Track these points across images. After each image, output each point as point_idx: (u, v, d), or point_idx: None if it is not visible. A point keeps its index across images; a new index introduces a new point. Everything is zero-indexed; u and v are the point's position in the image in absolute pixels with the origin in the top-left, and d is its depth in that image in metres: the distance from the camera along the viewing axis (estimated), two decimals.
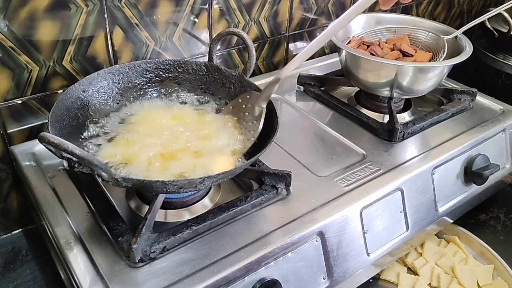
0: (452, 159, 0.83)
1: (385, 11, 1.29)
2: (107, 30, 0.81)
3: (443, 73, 0.89)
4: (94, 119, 0.72)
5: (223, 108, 0.76)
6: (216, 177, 0.58)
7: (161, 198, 0.64)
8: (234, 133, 0.71)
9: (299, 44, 1.15)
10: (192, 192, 0.69)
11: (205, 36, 0.96)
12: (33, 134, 0.81)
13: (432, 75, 0.86)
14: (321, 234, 0.65)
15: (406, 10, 1.37)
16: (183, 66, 0.80)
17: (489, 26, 1.21)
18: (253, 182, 0.73)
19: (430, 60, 0.92)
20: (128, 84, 0.78)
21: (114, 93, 0.76)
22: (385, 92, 0.90)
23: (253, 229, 0.64)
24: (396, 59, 0.91)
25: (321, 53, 1.22)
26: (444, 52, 0.90)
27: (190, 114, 0.76)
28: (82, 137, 0.69)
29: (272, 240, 0.62)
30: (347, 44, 0.97)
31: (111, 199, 0.68)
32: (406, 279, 0.82)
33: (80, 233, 0.62)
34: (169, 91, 0.80)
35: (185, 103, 0.79)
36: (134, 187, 0.60)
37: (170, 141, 0.68)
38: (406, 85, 0.87)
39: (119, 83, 0.77)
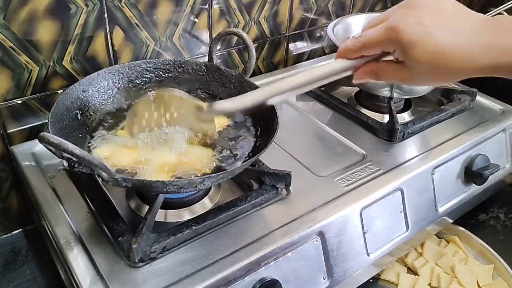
0: (452, 159, 0.83)
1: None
2: (107, 30, 0.81)
3: None
4: (94, 119, 0.72)
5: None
6: (216, 177, 0.58)
7: (161, 198, 0.64)
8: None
9: (299, 44, 1.15)
10: (192, 192, 0.69)
11: (205, 36, 0.96)
12: (33, 134, 0.81)
13: None
14: (321, 234, 0.65)
15: None
16: (183, 66, 0.80)
17: None
18: (253, 182, 0.73)
19: None
20: (128, 84, 0.78)
21: (114, 93, 0.76)
22: (385, 92, 0.90)
23: (253, 229, 0.64)
24: None
25: (321, 53, 1.22)
26: None
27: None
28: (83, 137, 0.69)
29: (272, 240, 0.62)
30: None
31: (111, 199, 0.68)
32: (406, 279, 0.82)
33: (80, 233, 0.62)
34: None
35: None
36: (134, 187, 0.60)
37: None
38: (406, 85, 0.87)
39: (119, 83, 0.77)
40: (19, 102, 0.78)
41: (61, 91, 0.81)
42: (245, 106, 0.62)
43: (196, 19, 0.92)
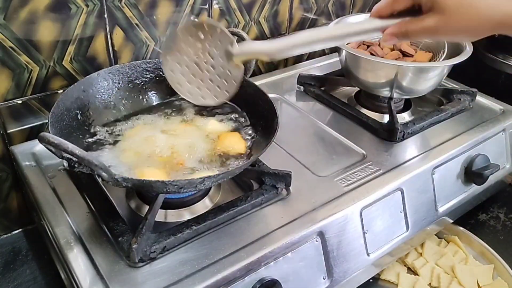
0: (452, 159, 0.83)
1: None
2: (107, 30, 0.81)
3: (443, 73, 0.88)
4: (94, 119, 0.72)
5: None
6: (216, 177, 0.58)
7: (161, 198, 0.64)
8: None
9: None
10: (192, 192, 0.69)
11: None
12: (33, 134, 0.81)
13: (432, 75, 0.86)
14: (321, 234, 0.65)
15: None
16: None
17: None
18: (253, 182, 0.73)
19: (430, 60, 0.92)
20: (128, 84, 0.78)
21: (114, 93, 0.76)
22: (385, 92, 0.90)
23: (253, 229, 0.64)
24: (396, 59, 0.91)
25: (321, 53, 1.22)
26: (444, 52, 0.90)
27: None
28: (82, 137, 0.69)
29: (272, 240, 0.62)
30: (347, 44, 0.97)
31: (111, 199, 0.68)
32: (406, 279, 0.82)
33: (80, 233, 0.62)
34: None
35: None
36: (134, 187, 0.60)
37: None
38: (406, 85, 0.87)
39: (119, 83, 0.77)
40: (19, 102, 0.78)
41: (61, 91, 0.81)
42: (277, 50, 0.62)
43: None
